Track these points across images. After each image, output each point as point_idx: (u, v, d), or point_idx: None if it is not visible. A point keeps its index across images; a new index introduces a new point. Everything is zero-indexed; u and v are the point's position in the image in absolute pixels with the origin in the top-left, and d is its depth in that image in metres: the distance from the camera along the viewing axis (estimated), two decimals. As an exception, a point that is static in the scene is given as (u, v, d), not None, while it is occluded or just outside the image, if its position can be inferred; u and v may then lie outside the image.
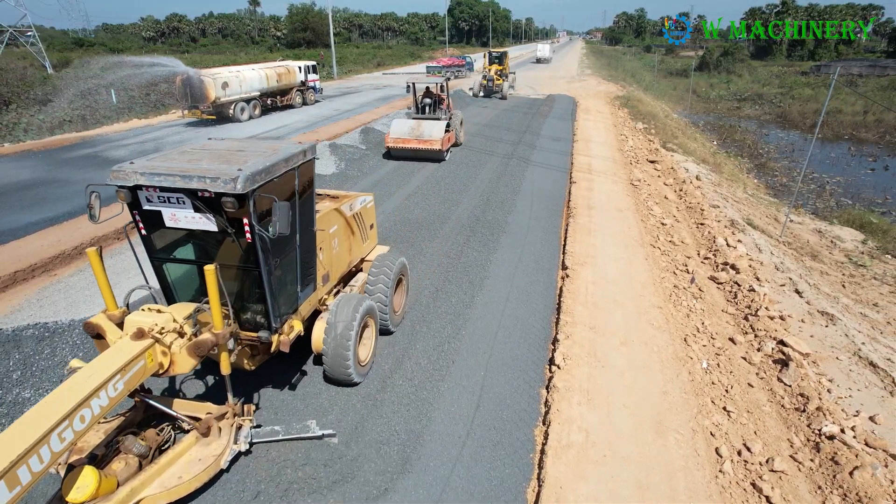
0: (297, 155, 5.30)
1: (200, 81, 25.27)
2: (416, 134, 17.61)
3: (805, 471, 5.87)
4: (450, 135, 18.34)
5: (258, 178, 4.59)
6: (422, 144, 17.40)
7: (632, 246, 11.62)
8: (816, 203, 21.81)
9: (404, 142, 17.60)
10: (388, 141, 17.90)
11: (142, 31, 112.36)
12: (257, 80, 28.29)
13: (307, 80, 32.58)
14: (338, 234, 6.92)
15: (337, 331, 6.18)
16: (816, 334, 9.07)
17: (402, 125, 18.07)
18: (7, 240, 10.88)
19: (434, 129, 17.58)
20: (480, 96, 36.25)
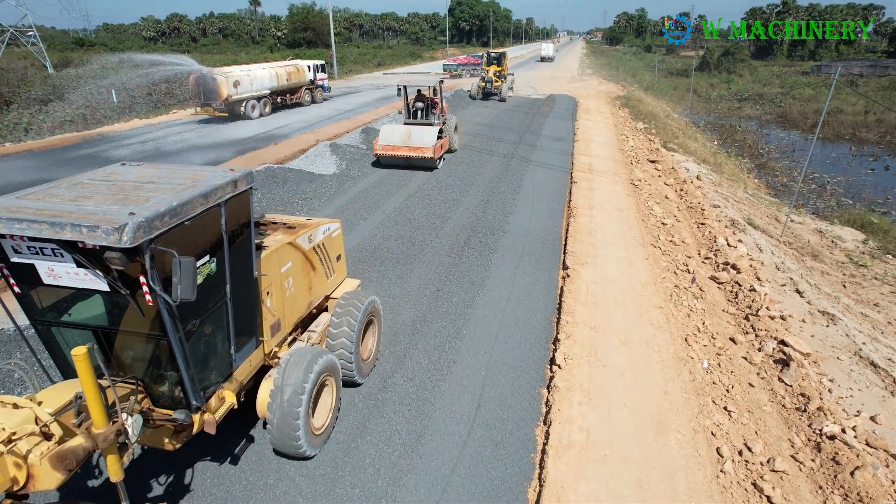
0: (223, 187, 4.19)
1: (213, 80, 25.92)
2: (407, 140, 16.61)
3: (806, 471, 5.87)
4: (443, 141, 17.48)
5: (157, 225, 3.48)
6: (412, 152, 16.41)
7: (632, 246, 11.62)
8: (817, 203, 21.80)
9: (394, 149, 16.62)
10: (376, 148, 16.90)
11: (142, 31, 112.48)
12: (268, 78, 28.90)
13: (316, 78, 33.36)
14: (293, 272, 5.82)
15: (284, 397, 5.08)
16: (817, 334, 9.07)
17: (392, 131, 17.09)
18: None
19: (426, 136, 16.55)
20: (478, 98, 35.04)
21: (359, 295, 6.71)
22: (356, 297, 6.64)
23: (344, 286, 7.21)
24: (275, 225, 6.12)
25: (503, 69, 36.48)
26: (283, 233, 5.88)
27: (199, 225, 3.96)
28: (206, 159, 18.70)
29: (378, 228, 12.14)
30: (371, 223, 12.47)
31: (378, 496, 5.26)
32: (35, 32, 56.23)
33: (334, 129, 23.37)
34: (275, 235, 5.76)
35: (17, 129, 24.04)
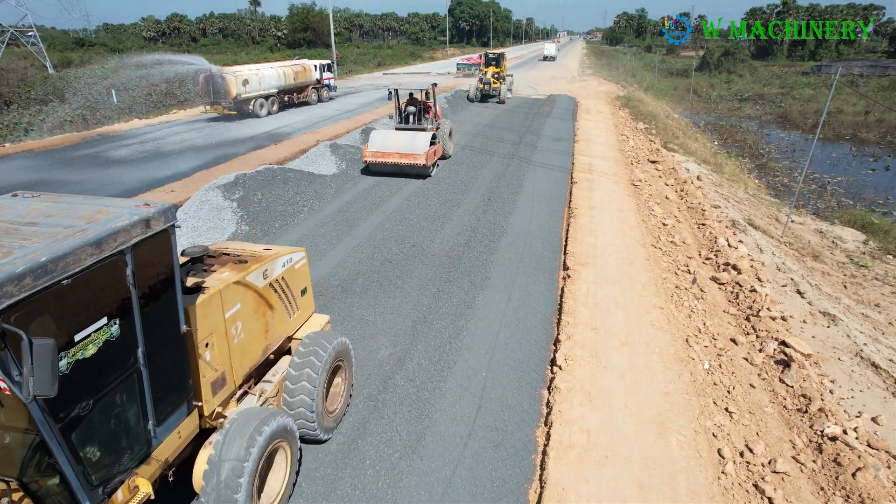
0: (128, 230, 3.33)
1: (223, 78, 26.40)
2: (398, 147, 15.76)
3: (807, 472, 5.86)
4: (436, 147, 16.65)
5: (8, 291, 2.58)
6: (404, 159, 15.54)
7: (633, 246, 11.61)
8: (817, 203, 21.80)
9: (384, 155, 15.80)
10: (365, 154, 16.07)
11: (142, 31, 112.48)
12: (275, 77, 29.34)
13: (322, 78, 33.88)
14: (242, 315, 4.82)
15: (220, 476, 4.11)
16: (818, 335, 9.06)
17: (382, 136, 16.33)
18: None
19: (418, 142, 15.70)
20: (476, 101, 33.84)
21: (324, 337, 5.66)
22: (320, 339, 5.57)
23: (310, 324, 6.18)
24: (224, 258, 5.13)
25: (502, 70, 35.42)
26: (232, 269, 4.88)
27: (89, 282, 3.08)
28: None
29: (378, 229, 12.12)
30: (371, 224, 12.46)
31: (378, 497, 5.25)
32: (35, 32, 56.25)
33: (334, 129, 23.36)
34: (220, 273, 4.78)
35: (16, 129, 24.04)
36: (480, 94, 33.79)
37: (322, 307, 8.67)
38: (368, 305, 8.80)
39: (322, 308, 8.65)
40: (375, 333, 8.00)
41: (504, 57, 35.96)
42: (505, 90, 33.77)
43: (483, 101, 33.78)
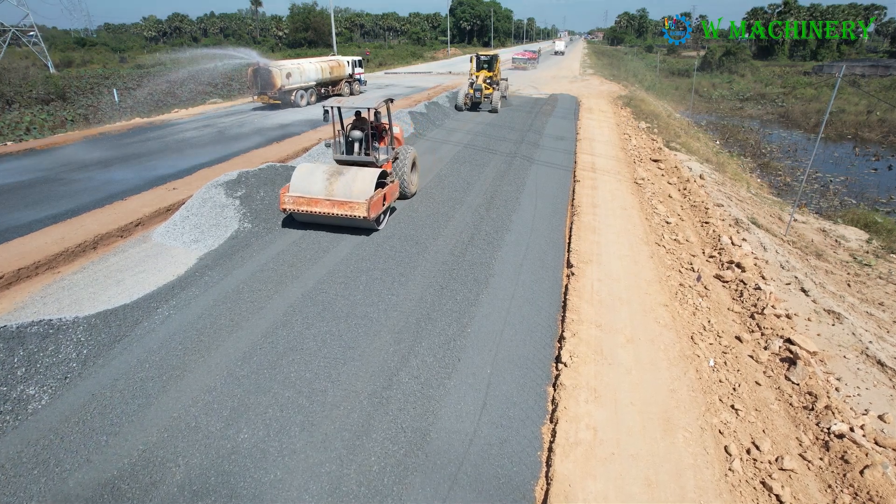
0: None
1: (269, 71, 29.33)
2: (330, 190, 11.11)
3: (815, 469, 5.83)
4: (389, 189, 11.97)
5: None
6: (337, 208, 10.92)
7: (637, 244, 11.57)
8: (820, 202, 21.76)
9: (309, 202, 11.01)
10: (283, 200, 11.13)
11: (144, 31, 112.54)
12: (314, 71, 32.33)
13: (354, 72, 36.92)
14: None
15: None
16: (823, 333, 9.03)
17: (308, 174, 11.38)
18: (11, 237, 10.86)
19: (359, 183, 11.08)
20: (465, 109, 29.64)
21: None
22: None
23: None
24: None
25: (495, 74, 31.21)
26: None
27: None
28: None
29: (381, 227, 12.08)
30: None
31: (384, 494, 5.22)
32: (37, 32, 56.28)
33: (336, 128, 23.32)
34: None
35: (17, 128, 24.04)
36: (470, 102, 29.78)
37: (325, 306, 8.66)
38: (372, 303, 8.77)
39: (325, 307, 8.66)
40: (380, 330, 7.97)
41: (498, 59, 31.81)
42: (498, 97, 29.42)
43: (473, 110, 29.95)
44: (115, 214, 12.22)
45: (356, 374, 6.96)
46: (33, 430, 5.89)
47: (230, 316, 8.26)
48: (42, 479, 5.26)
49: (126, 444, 5.73)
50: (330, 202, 10.96)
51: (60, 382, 6.64)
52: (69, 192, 14.07)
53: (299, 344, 7.59)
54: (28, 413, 6.14)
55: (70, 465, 5.44)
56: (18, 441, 5.74)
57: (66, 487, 5.18)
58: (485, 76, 29.91)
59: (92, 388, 6.59)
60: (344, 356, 7.34)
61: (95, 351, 7.24)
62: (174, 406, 6.31)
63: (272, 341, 7.63)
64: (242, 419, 6.11)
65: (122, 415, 6.14)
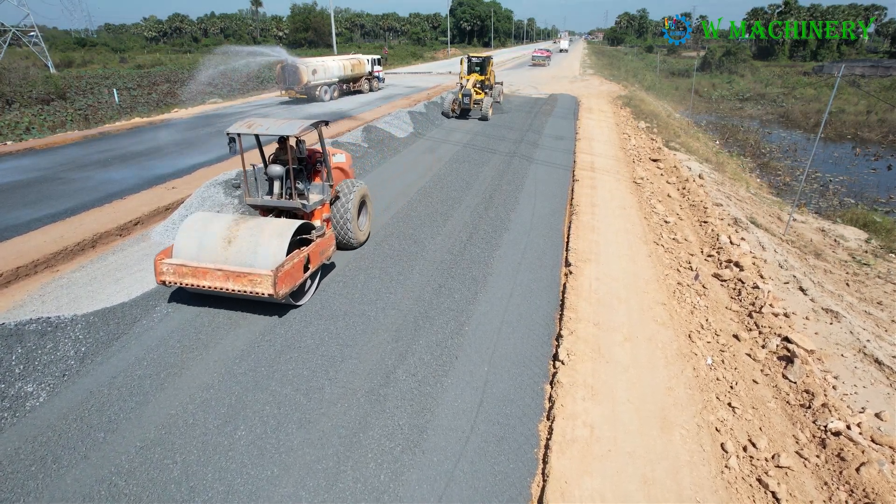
0: None
1: (296, 68, 30.99)
2: (225, 254, 7.93)
3: (811, 467, 5.83)
4: (315, 247, 8.62)
5: None
6: (231, 281, 7.65)
7: (635, 243, 11.58)
8: (820, 202, 21.76)
9: (195, 273, 7.81)
10: (158, 269, 7.91)
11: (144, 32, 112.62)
12: (337, 68, 34.22)
13: (373, 70, 38.59)
14: None
15: None
16: (821, 331, 9.04)
17: (201, 230, 8.21)
18: (10, 236, 10.87)
19: (264, 243, 7.91)
20: (453, 116, 27.08)
21: None
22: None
23: None
24: None
25: (488, 78, 28.78)
26: None
27: None
28: None
29: (379, 226, 12.10)
30: (373, 221, 12.44)
31: (380, 490, 5.23)
32: (37, 32, 56.31)
33: (336, 128, 23.35)
34: None
35: (17, 127, 24.05)
36: (459, 108, 27.15)
37: (323, 304, 8.67)
38: (370, 301, 8.78)
39: (323, 305, 8.67)
40: (377, 328, 7.98)
41: (491, 62, 29.42)
42: (488, 103, 26.65)
43: (462, 117, 27.20)
44: (114, 213, 12.24)
45: (354, 372, 6.97)
46: (31, 427, 5.90)
47: (228, 314, 8.27)
48: (40, 476, 5.27)
49: (124, 441, 5.74)
50: (223, 273, 7.62)
51: (58, 380, 6.65)
52: (68, 192, 14.08)
53: (297, 342, 7.60)
54: (26, 410, 6.15)
55: (68, 462, 5.45)
56: (16, 438, 5.75)
57: (64, 484, 5.19)
58: (476, 80, 27.68)
59: (90, 385, 6.60)
60: (342, 354, 7.35)
61: (94, 349, 7.25)
62: (172, 403, 6.32)
63: (270, 339, 7.64)
64: (240, 416, 6.12)
65: (120, 412, 6.15)
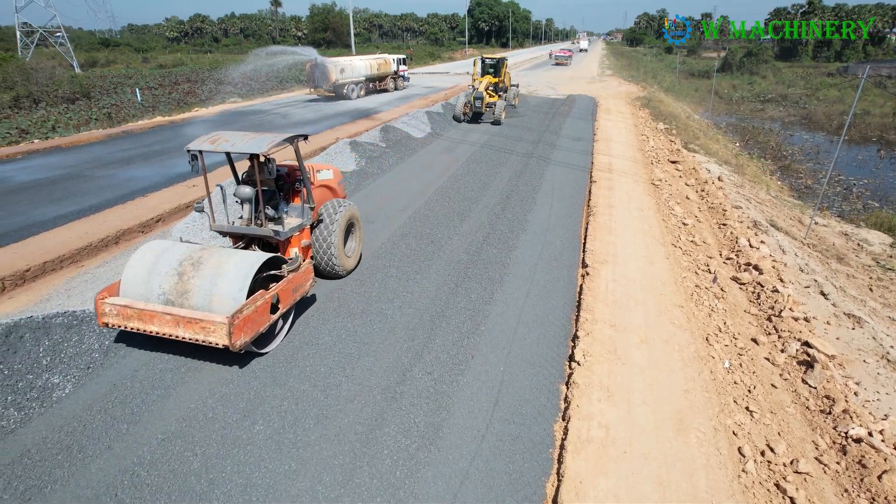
0: None
1: (325, 67, 32.45)
2: (178, 293, 6.85)
3: (831, 473, 5.76)
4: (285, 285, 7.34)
5: None
6: (182, 327, 6.56)
7: (653, 245, 11.51)
8: (843, 206, 21.39)
9: (141, 316, 6.72)
10: (100, 310, 6.84)
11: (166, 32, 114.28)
12: (364, 68, 35.40)
13: (398, 70, 39.59)
14: None
15: None
16: (843, 337, 8.91)
17: (152, 263, 7.10)
18: (37, 231, 11.14)
19: (222, 282, 6.77)
20: (464, 121, 25.92)
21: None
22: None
23: None
24: None
25: (502, 80, 27.25)
26: None
27: None
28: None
29: (397, 226, 12.18)
30: (390, 220, 12.53)
31: (396, 487, 5.28)
32: (63, 33, 57.50)
33: (353, 127, 23.51)
34: None
35: (44, 126, 24.59)
36: (471, 112, 25.99)
37: (340, 302, 8.76)
38: (387, 299, 8.85)
39: (341, 303, 8.75)
40: (394, 327, 8.04)
41: (505, 63, 27.89)
42: (501, 106, 25.30)
43: (474, 121, 26.13)
44: (136, 210, 12.47)
45: (370, 370, 7.04)
46: (58, 418, 6.06)
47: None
48: (66, 465, 5.41)
49: (146, 432, 5.87)
50: (172, 317, 6.52)
51: (84, 372, 6.81)
52: (92, 189, 14.38)
53: (315, 339, 7.69)
54: (53, 401, 6.32)
55: (92, 452, 5.58)
56: (44, 427, 5.91)
57: (89, 473, 5.32)
58: (489, 82, 26.24)
59: (113, 378, 6.75)
60: (358, 351, 7.42)
61: (117, 342, 7.41)
62: (192, 397, 6.43)
63: (289, 335, 7.74)
64: (258, 411, 6.22)
65: (143, 404, 6.29)
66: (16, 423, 5.93)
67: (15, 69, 32.47)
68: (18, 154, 18.70)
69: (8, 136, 22.09)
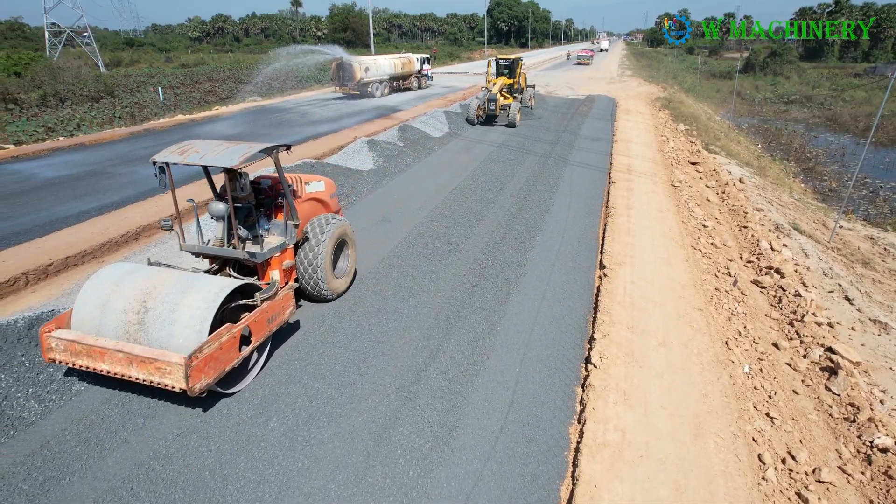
0: None
1: (350, 65, 33.37)
2: (133, 329, 5.98)
3: (855, 483, 5.60)
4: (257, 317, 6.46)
5: None
6: (135, 367, 5.69)
7: (672, 247, 11.34)
8: (869, 209, 20.91)
9: (90, 353, 5.85)
10: (45, 344, 6.03)
11: (188, 32, 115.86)
12: (388, 66, 36.10)
13: (422, 69, 40.27)
14: None
15: None
16: (868, 343, 8.69)
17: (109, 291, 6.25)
18: (61, 227, 11.35)
19: (180, 316, 5.91)
20: (477, 123, 25.15)
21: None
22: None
23: None
24: None
25: (517, 81, 26.20)
26: None
27: None
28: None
29: (413, 225, 12.17)
30: (406, 220, 12.52)
31: (409, 486, 5.25)
32: (89, 33, 58.51)
33: (371, 126, 23.58)
34: None
35: (69, 124, 25.06)
36: (484, 115, 25.14)
37: (356, 301, 8.77)
38: (403, 299, 8.83)
39: (356, 302, 8.76)
40: (409, 326, 8.02)
41: (520, 64, 26.65)
42: (516, 108, 24.48)
43: (487, 124, 25.43)
44: (156, 207, 12.63)
45: (385, 369, 7.03)
46: (77, 410, 6.14)
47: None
48: (84, 457, 5.48)
49: (161, 427, 5.92)
50: (125, 355, 5.71)
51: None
52: (114, 186, 14.60)
53: (330, 337, 7.71)
54: (72, 394, 6.41)
55: (110, 445, 5.65)
56: (63, 420, 5.99)
57: (105, 466, 5.38)
58: (503, 84, 25.50)
59: (131, 372, 6.82)
60: (373, 350, 7.42)
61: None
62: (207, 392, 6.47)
63: (303, 334, 7.77)
64: (272, 408, 6.24)
65: (159, 399, 6.34)
66: (36, 415, 6.03)
67: (43, 69, 33.12)
68: (45, 151, 19.10)
69: (35, 133, 22.54)
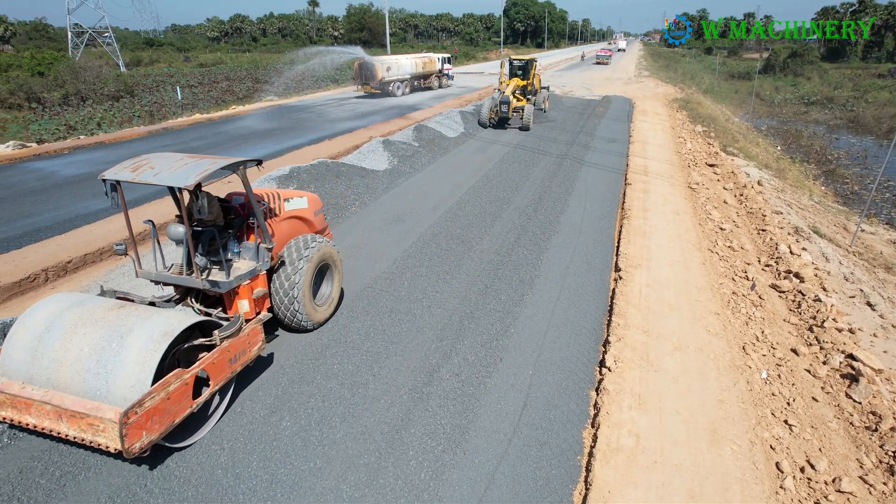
0: None
1: (372, 65, 33.84)
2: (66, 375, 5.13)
3: (877, 494, 5.47)
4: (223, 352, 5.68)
5: None
6: (66, 422, 4.88)
7: (688, 250, 11.20)
8: (892, 213, 20.50)
9: (16, 403, 5.07)
10: None
11: (207, 32, 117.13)
12: (409, 66, 36.57)
13: (443, 68, 40.64)
14: None
15: None
16: (891, 350, 8.51)
17: (42, 326, 5.39)
18: (80, 224, 11.51)
19: (122, 358, 5.03)
20: (490, 126, 24.49)
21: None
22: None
23: None
24: None
25: (531, 83, 25.58)
26: None
27: None
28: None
29: (427, 225, 12.16)
30: (420, 220, 12.51)
31: (420, 488, 5.24)
32: (111, 33, 59.41)
33: (387, 126, 23.63)
34: None
35: (90, 123, 25.45)
36: (497, 117, 24.41)
37: (370, 301, 8.77)
38: (416, 299, 8.83)
39: (370, 302, 8.76)
40: (422, 327, 8.01)
41: (534, 65, 26.03)
42: (530, 111, 23.73)
43: (500, 126, 24.72)
44: (172, 205, 12.72)
45: (397, 369, 7.02)
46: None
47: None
48: (99, 452, 5.54)
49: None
50: (53, 408, 4.95)
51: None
52: (132, 185, 14.75)
53: (343, 337, 7.72)
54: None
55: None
56: (79, 416, 6.06)
57: (120, 462, 5.43)
58: (516, 85, 24.79)
59: (147, 369, 6.88)
60: (386, 350, 7.42)
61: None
62: (222, 390, 6.52)
63: (317, 333, 7.79)
64: (285, 407, 6.26)
65: (174, 396, 6.39)
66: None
67: (65, 68, 33.70)
68: (66, 149, 19.40)
69: (57, 132, 22.95)
